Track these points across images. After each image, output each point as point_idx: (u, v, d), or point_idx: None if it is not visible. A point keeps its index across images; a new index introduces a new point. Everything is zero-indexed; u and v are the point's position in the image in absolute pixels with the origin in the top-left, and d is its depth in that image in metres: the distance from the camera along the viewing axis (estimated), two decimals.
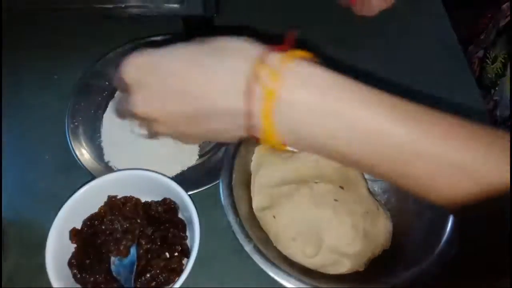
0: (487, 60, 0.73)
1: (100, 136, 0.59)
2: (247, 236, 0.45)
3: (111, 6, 0.57)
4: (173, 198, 0.51)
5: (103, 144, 0.58)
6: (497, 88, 0.69)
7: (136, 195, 0.52)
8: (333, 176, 0.52)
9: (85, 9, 0.58)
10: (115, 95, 0.62)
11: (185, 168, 0.57)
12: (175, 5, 0.57)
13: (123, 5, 0.57)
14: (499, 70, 0.69)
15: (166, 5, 0.58)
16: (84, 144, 0.57)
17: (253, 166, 0.54)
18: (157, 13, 0.59)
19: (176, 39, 0.36)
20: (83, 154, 0.56)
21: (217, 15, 0.62)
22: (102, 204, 0.51)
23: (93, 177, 0.52)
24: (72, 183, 0.52)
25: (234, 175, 0.50)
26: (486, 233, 0.34)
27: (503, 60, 0.69)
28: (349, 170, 0.53)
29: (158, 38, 0.64)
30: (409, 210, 0.51)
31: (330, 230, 0.49)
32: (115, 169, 0.56)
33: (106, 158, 0.57)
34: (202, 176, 0.55)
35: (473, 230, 0.37)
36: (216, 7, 0.61)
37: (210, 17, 0.62)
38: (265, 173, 0.52)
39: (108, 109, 0.61)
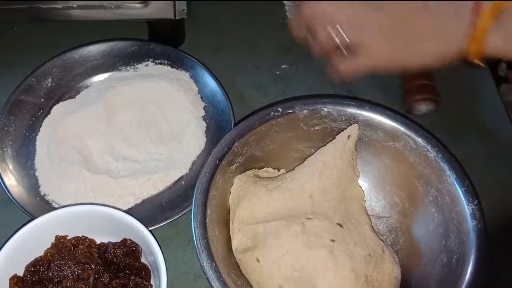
0: None
1: (34, 164, 0.54)
2: (225, 284, 0.42)
3: (60, 6, 0.51)
4: (134, 239, 0.48)
5: (38, 173, 0.54)
6: None
7: (89, 235, 0.49)
8: (330, 212, 0.49)
9: (24, 10, 0.52)
10: (52, 111, 0.57)
11: (139, 201, 0.53)
12: (138, 5, 0.52)
13: (74, 6, 0.51)
14: None
15: (128, 6, 0.52)
16: (15, 173, 0.52)
17: (232, 199, 0.50)
18: (118, 16, 0.54)
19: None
20: (13, 185, 0.51)
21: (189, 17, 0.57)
22: (49, 246, 0.48)
23: (29, 214, 0.48)
24: (10, 222, 0.49)
25: (208, 211, 0.45)
26: None
27: None
28: (348, 204, 0.50)
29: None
30: (421, 253, 0.48)
31: (325, 276, 0.45)
32: (54, 204, 0.52)
33: (43, 190, 0.53)
34: (160, 210, 0.52)
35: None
36: (188, 9, 0.56)
37: (180, 21, 0.57)
38: (247, 207, 0.49)
39: (42, 129, 0.56)
